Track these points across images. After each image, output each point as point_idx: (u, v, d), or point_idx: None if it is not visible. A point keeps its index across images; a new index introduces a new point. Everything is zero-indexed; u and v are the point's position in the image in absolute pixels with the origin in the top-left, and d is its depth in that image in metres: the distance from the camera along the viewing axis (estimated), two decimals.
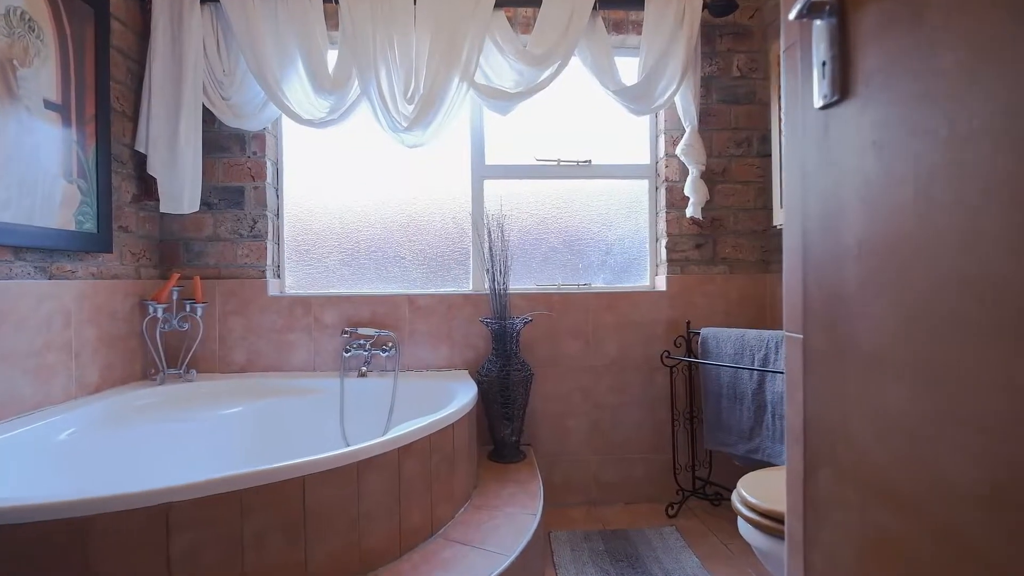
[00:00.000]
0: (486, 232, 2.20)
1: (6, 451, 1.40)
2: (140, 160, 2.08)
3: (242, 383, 2.16)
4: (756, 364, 1.95)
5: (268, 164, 2.31)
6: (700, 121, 2.29)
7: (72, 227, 1.75)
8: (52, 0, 1.67)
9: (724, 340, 2.08)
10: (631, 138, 2.51)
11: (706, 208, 2.32)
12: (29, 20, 1.59)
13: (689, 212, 2.28)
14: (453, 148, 2.45)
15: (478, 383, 2.11)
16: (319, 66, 2.10)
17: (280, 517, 1.19)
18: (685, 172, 2.36)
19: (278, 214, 2.39)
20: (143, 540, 1.05)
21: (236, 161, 2.28)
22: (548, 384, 2.34)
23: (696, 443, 2.27)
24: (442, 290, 2.42)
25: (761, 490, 1.32)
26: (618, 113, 2.47)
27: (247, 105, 2.17)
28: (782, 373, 1.82)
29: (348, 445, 2.14)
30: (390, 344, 2.27)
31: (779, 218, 2.06)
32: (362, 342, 2.23)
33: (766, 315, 2.38)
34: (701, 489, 2.27)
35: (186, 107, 2.05)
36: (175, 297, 2.13)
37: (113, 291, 1.94)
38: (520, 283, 2.43)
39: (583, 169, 2.47)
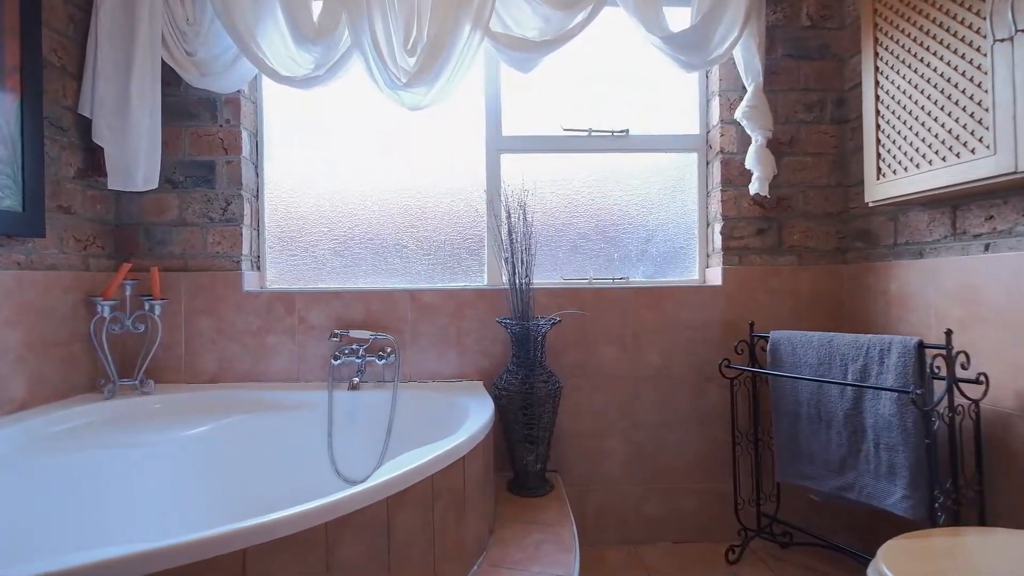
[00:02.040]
0: (504, 215, 1.80)
1: None
2: (86, 127, 1.72)
3: (210, 396, 1.78)
4: (850, 377, 1.53)
5: (244, 134, 1.94)
6: (763, 79, 1.87)
7: None
8: None
9: (803, 346, 1.66)
10: (676, 103, 2.10)
11: (771, 185, 1.89)
12: None
13: (753, 189, 1.86)
14: (464, 115, 2.06)
15: (495, 398, 1.71)
16: (301, 11, 1.72)
17: None
18: (745, 142, 1.94)
19: (257, 195, 2.02)
20: None
21: (206, 130, 1.91)
22: (578, 398, 1.93)
23: (761, 472, 1.85)
24: (451, 285, 2.03)
25: (927, 567, 0.91)
26: (661, 73, 2.07)
27: (216, 61, 1.80)
28: (891, 391, 1.40)
29: (338, 473, 1.77)
30: (388, 349, 1.88)
31: (875, 193, 1.64)
32: (355, 347, 1.85)
33: (843, 315, 1.95)
34: (767, 528, 1.85)
35: (140, 61, 1.68)
36: (128, 293, 1.76)
37: (48, 285, 1.58)
38: (544, 277, 2.03)
39: (619, 140, 2.07)
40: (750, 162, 1.87)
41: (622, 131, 2.06)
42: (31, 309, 1.52)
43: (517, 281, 1.73)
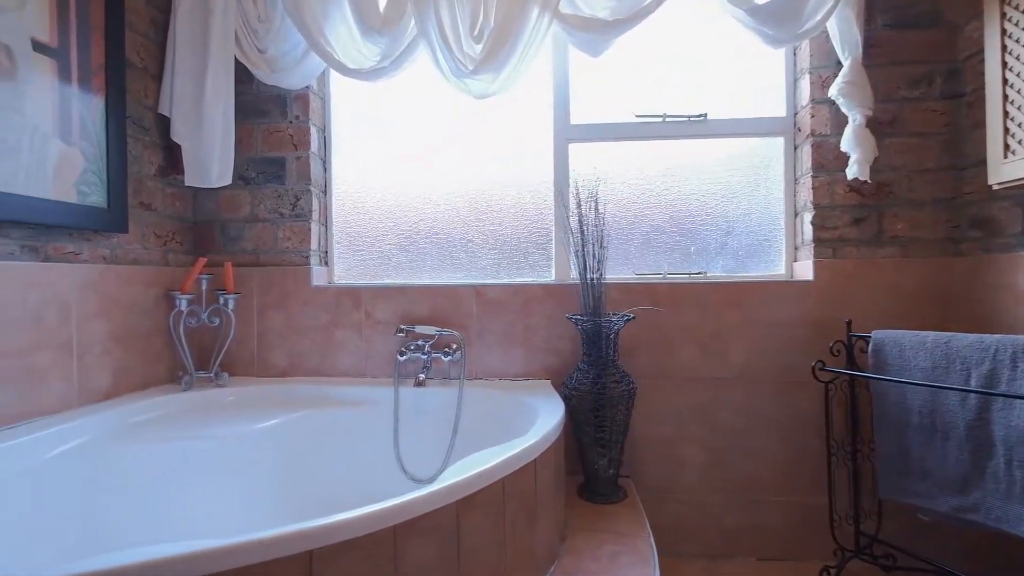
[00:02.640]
0: (574, 207, 1.71)
1: None
2: (166, 126, 1.77)
3: (280, 390, 1.80)
4: (974, 383, 1.34)
5: (313, 130, 1.95)
6: (862, 51, 1.69)
7: (73, 199, 1.44)
8: None
9: (914, 348, 1.47)
10: (759, 84, 1.94)
11: (871, 169, 1.70)
12: None
13: (851, 173, 1.68)
14: (530, 104, 1.99)
15: (565, 398, 1.62)
16: (367, 1, 1.70)
17: None
18: (839, 123, 1.76)
19: (325, 190, 2.03)
20: None
21: (276, 127, 1.93)
22: (653, 401, 1.81)
23: (861, 487, 1.67)
24: (517, 280, 1.96)
25: None
26: (743, 51, 1.92)
27: (285, 57, 1.81)
28: None
29: (404, 471, 1.74)
30: (454, 346, 1.83)
31: (1001, 174, 1.43)
32: (420, 343, 1.81)
33: (956, 314, 1.73)
34: (867, 549, 1.66)
35: (214, 60, 1.72)
36: (204, 287, 1.80)
37: (131, 279, 1.63)
38: (614, 271, 1.92)
39: (696, 126, 1.93)
40: (847, 144, 1.69)
41: (699, 116, 1.93)
42: (116, 302, 1.58)
43: (588, 276, 1.64)
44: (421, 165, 2.02)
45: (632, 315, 1.66)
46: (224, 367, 1.85)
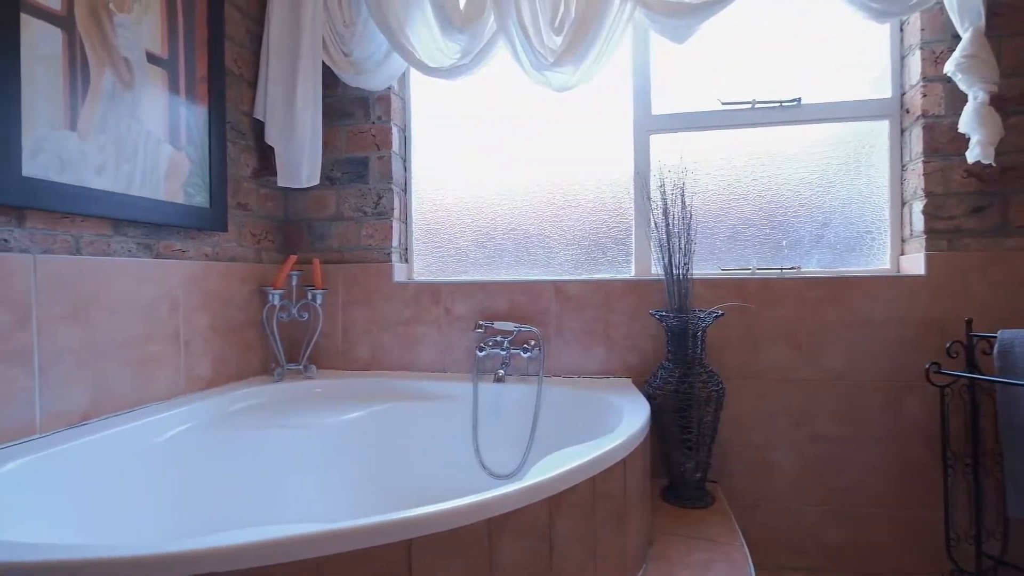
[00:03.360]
0: (659, 199, 1.65)
1: (94, 454, 1.18)
2: (261, 131, 1.86)
3: (365, 384, 1.85)
4: None
5: (394, 130, 1.99)
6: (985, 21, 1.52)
7: (180, 200, 1.54)
8: None
9: None
10: (858, 64, 1.80)
11: (995, 152, 1.53)
12: None
13: (971, 156, 1.52)
14: (609, 96, 1.94)
15: (648, 397, 1.57)
16: (448, 1, 1.72)
17: None
18: (956, 102, 1.60)
19: (405, 188, 2.07)
20: None
21: (359, 128, 1.99)
22: (742, 402, 1.72)
23: (983, 503, 1.51)
24: (596, 276, 1.92)
25: None
26: (841, 28, 1.78)
27: (368, 59, 1.86)
28: None
29: (483, 466, 1.74)
30: (532, 342, 1.81)
31: None
32: (499, 339, 1.81)
33: None
34: (991, 571, 1.50)
35: (304, 65, 1.79)
36: (294, 283, 1.88)
37: (229, 275, 1.73)
38: (698, 267, 1.84)
39: (789, 111, 1.82)
40: (967, 124, 1.53)
41: (792, 101, 1.81)
42: (216, 296, 1.67)
43: (676, 270, 1.58)
44: (497, 161, 2.02)
45: (721, 311, 1.58)
46: (312, 359, 1.92)
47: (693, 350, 1.56)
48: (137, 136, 1.40)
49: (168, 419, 1.39)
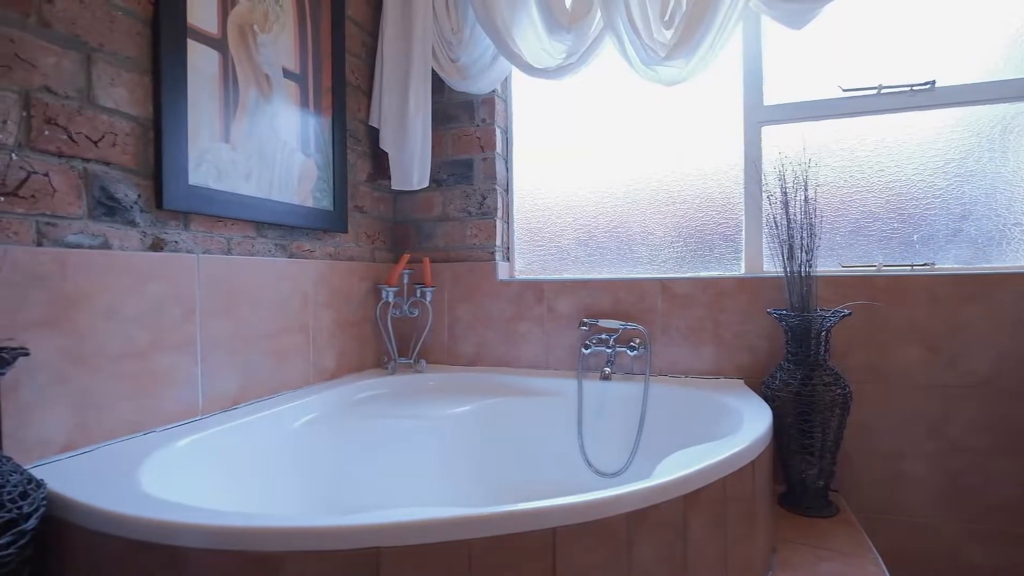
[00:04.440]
0: (780, 193, 1.58)
1: (244, 436, 1.29)
2: (374, 137, 1.97)
3: (470, 378, 1.91)
4: None
5: (497, 132, 2.04)
6: None
7: (310, 203, 1.66)
8: None
9: None
10: (1005, 40, 1.63)
11: None
12: None
13: None
14: (717, 87, 1.88)
15: (766, 399, 1.51)
16: (554, 1, 1.74)
17: None
18: None
19: (507, 188, 2.11)
20: None
21: (464, 131, 2.05)
22: (868, 407, 1.61)
23: None
24: (704, 273, 1.87)
25: None
26: (980, 1, 1.63)
27: (475, 64, 1.92)
28: None
29: (589, 464, 1.75)
30: (638, 340, 1.80)
31: None
32: (604, 336, 1.81)
33: None
34: None
35: (415, 74, 1.87)
36: (405, 281, 1.98)
37: (349, 273, 1.84)
38: (817, 263, 1.74)
39: (922, 96, 1.68)
40: None
41: (925, 84, 1.67)
42: (339, 293, 1.79)
43: (798, 268, 1.50)
44: (598, 159, 2.02)
45: (848, 311, 1.49)
46: (420, 354, 2.00)
47: (816, 351, 1.48)
48: (275, 145, 1.53)
49: (301, 407, 1.50)
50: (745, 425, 1.26)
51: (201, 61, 1.29)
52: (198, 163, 1.28)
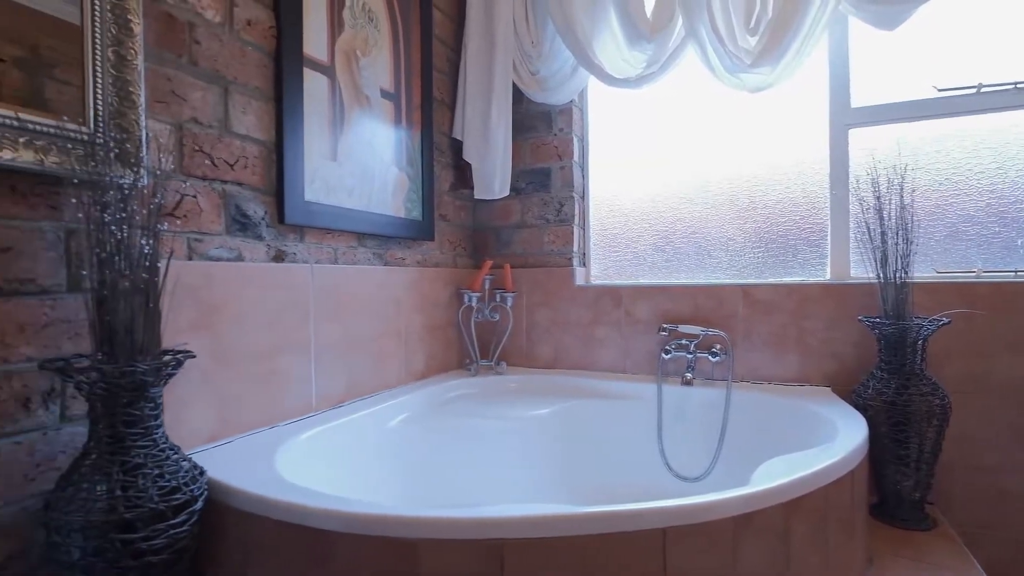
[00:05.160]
0: (873, 197, 1.55)
1: (352, 431, 1.40)
2: (455, 148, 2.06)
3: (549, 380, 1.96)
4: None
5: (574, 140, 2.09)
6: None
7: (402, 214, 1.76)
8: None
9: None
10: None
11: None
12: (369, 10, 1.62)
13: None
14: (800, 90, 1.86)
15: (859, 408, 1.48)
16: (635, 12, 1.77)
17: None
18: None
19: (583, 195, 2.16)
20: None
21: (542, 140, 2.11)
22: (969, 419, 1.56)
23: None
24: (787, 279, 1.85)
25: None
26: None
27: (554, 77, 1.97)
28: None
29: (669, 468, 1.77)
30: (718, 346, 1.80)
31: None
32: (684, 342, 1.82)
33: None
34: None
35: (497, 88, 1.95)
36: (487, 286, 2.06)
37: (435, 279, 1.94)
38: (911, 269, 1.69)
39: None
40: None
41: None
42: (426, 298, 1.89)
43: (891, 274, 1.48)
44: (675, 165, 2.03)
45: (947, 319, 1.45)
46: (500, 356, 2.08)
47: (912, 360, 1.45)
48: (373, 161, 1.64)
49: (397, 405, 1.60)
50: (841, 434, 1.25)
51: (314, 87, 1.41)
52: (311, 180, 1.40)
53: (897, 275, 1.47)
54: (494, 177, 1.98)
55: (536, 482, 1.71)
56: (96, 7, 0.94)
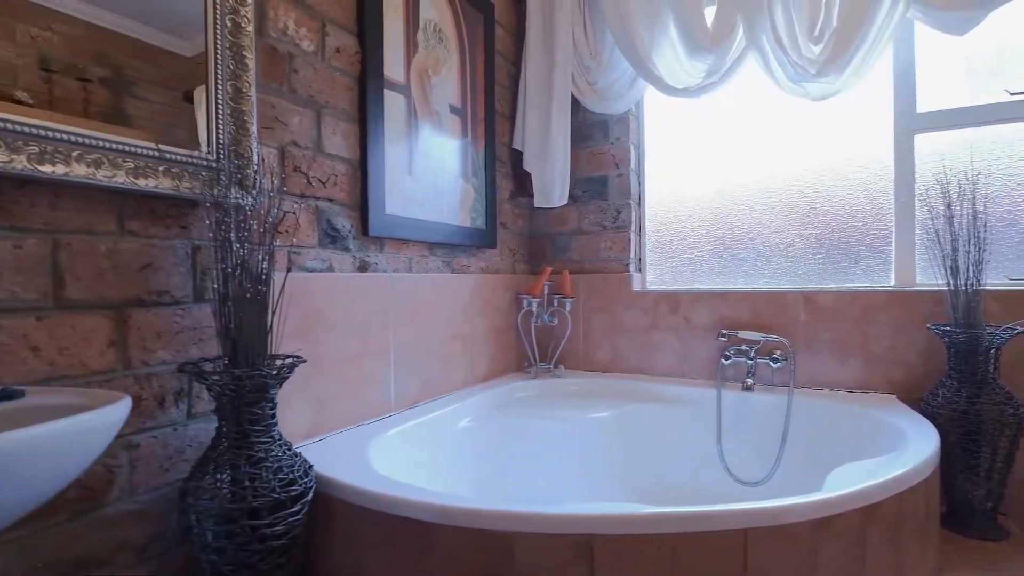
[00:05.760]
0: (943, 204, 1.54)
1: (420, 434, 1.48)
2: (514, 158, 2.13)
3: (607, 384, 2.01)
4: None
5: (631, 149, 2.13)
6: None
7: (468, 224, 1.84)
8: (454, 11, 1.77)
9: None
10: None
11: None
12: (440, 31, 1.70)
13: None
14: (863, 95, 1.85)
15: (927, 416, 1.48)
16: (695, 23, 1.80)
17: None
18: None
19: (639, 202, 2.19)
20: (568, 573, 0.88)
21: (599, 149, 2.16)
22: None
23: None
24: (849, 286, 1.85)
25: None
26: None
27: (612, 87, 2.02)
28: None
29: (729, 472, 1.79)
30: (779, 352, 1.81)
31: None
32: (744, 348, 1.84)
33: None
34: None
35: (557, 99, 2.01)
36: (545, 291, 2.12)
37: (497, 285, 2.01)
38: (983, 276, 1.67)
39: None
40: None
41: None
42: (488, 304, 1.96)
43: (960, 282, 1.47)
44: (733, 171, 2.04)
45: (1021, 328, 1.43)
46: (558, 360, 2.14)
47: (984, 369, 1.44)
48: (443, 173, 1.72)
49: (466, 407, 1.68)
50: (911, 442, 1.26)
51: (392, 106, 1.50)
52: (391, 194, 1.49)
53: (969, 283, 1.46)
54: (554, 186, 2.04)
55: (597, 482, 1.76)
56: (218, 45, 1.04)
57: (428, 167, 1.65)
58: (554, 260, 2.24)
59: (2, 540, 0.79)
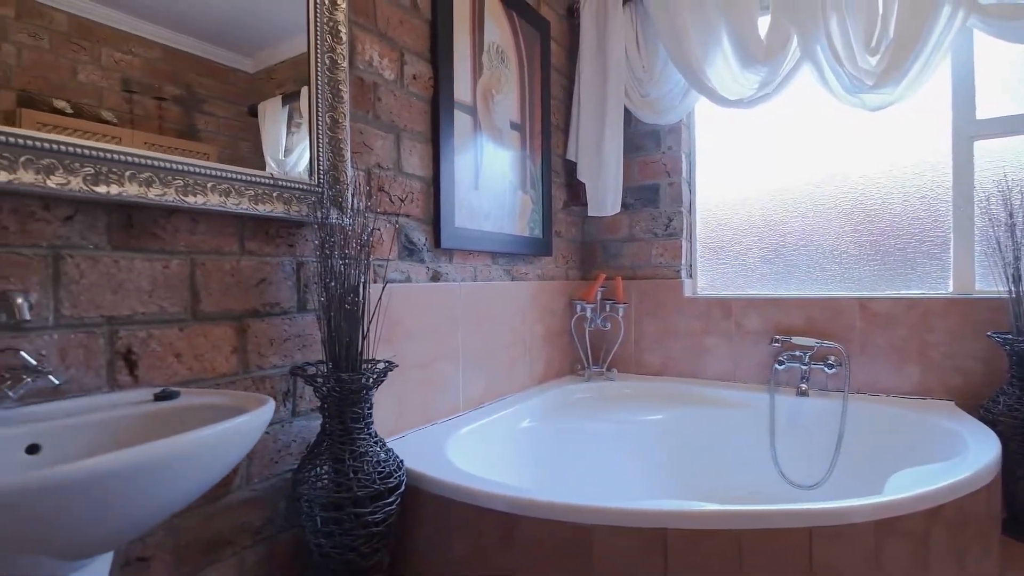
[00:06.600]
0: (1006, 212, 1.55)
1: (488, 433, 1.58)
2: (567, 168, 2.21)
3: (659, 387, 2.07)
4: None
5: (682, 158, 2.18)
6: None
7: (526, 233, 1.93)
8: (515, 31, 1.86)
9: None
10: None
11: None
12: (502, 52, 1.80)
13: None
14: (920, 102, 1.85)
15: (988, 423, 1.49)
16: (749, 36, 1.84)
17: (781, 574, 0.96)
18: None
19: (690, 210, 2.24)
20: (643, 563, 0.96)
21: (651, 159, 2.22)
22: None
23: None
24: (906, 292, 1.86)
25: None
26: None
27: (664, 99, 2.08)
28: None
29: (783, 475, 1.83)
30: (833, 358, 1.84)
31: None
32: (798, 353, 1.87)
33: None
34: None
35: (610, 111, 2.08)
36: (599, 297, 2.19)
37: (552, 291, 2.10)
38: None
39: None
40: None
41: None
42: (545, 309, 2.05)
43: (1021, 290, 1.48)
44: (788, 179, 2.07)
45: None
46: (611, 364, 2.21)
47: None
48: (504, 187, 1.82)
49: (527, 408, 1.77)
50: (972, 448, 1.29)
51: (461, 126, 1.60)
52: (459, 208, 1.60)
53: None
54: (607, 195, 2.11)
55: (654, 482, 1.83)
56: (318, 80, 1.16)
57: (491, 181, 1.75)
58: (605, 266, 2.31)
59: None
